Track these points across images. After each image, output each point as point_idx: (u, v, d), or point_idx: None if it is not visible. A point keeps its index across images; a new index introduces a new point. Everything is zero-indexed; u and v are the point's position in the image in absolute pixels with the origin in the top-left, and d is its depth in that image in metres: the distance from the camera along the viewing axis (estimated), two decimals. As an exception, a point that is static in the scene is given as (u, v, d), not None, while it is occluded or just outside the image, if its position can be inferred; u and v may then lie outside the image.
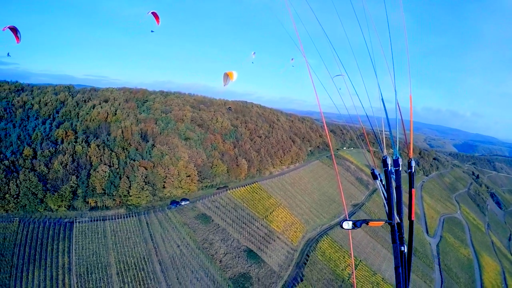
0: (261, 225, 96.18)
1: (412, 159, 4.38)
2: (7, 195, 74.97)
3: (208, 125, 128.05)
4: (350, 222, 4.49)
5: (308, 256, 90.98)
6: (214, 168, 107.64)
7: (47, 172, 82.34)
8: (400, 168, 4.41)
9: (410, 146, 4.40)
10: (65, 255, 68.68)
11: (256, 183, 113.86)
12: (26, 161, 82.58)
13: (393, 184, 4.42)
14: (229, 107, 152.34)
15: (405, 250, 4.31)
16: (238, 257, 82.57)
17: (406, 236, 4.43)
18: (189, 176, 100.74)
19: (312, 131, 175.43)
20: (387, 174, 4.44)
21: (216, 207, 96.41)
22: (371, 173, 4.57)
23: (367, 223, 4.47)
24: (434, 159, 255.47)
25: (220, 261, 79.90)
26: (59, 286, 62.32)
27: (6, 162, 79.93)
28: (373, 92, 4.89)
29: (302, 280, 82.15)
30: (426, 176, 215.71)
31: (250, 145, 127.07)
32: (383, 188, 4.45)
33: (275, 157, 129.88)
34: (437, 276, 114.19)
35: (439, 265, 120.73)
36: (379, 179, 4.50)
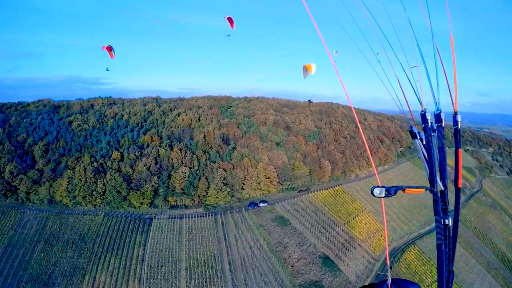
0: (342, 230, 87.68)
1: (458, 113, 3.56)
2: (94, 192, 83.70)
3: (290, 127, 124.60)
4: (383, 189, 3.32)
5: (391, 268, 78.31)
6: (296, 170, 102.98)
7: (131, 173, 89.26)
8: (443, 124, 3.48)
9: (455, 98, 3.55)
10: (141, 247, 72.48)
11: (339, 186, 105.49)
12: (114, 163, 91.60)
13: (435, 143, 3.47)
14: (309, 100, 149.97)
15: (450, 224, 3.41)
16: (312, 263, 75.90)
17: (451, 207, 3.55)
18: (268, 178, 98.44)
19: (402, 130, 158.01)
20: (427, 131, 3.48)
21: (296, 210, 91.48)
22: (409, 131, 3.61)
23: (403, 190, 3.32)
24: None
25: (292, 266, 74.44)
26: (131, 275, 65.89)
27: (95, 164, 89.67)
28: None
29: (380, 294, 70.92)
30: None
31: (335, 146, 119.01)
32: (423, 149, 3.51)
33: (361, 159, 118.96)
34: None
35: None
36: (418, 137, 3.52)
